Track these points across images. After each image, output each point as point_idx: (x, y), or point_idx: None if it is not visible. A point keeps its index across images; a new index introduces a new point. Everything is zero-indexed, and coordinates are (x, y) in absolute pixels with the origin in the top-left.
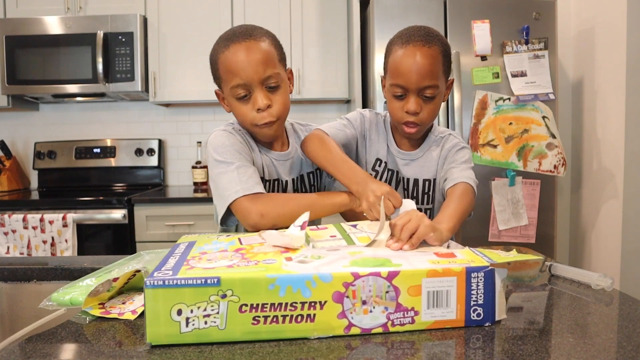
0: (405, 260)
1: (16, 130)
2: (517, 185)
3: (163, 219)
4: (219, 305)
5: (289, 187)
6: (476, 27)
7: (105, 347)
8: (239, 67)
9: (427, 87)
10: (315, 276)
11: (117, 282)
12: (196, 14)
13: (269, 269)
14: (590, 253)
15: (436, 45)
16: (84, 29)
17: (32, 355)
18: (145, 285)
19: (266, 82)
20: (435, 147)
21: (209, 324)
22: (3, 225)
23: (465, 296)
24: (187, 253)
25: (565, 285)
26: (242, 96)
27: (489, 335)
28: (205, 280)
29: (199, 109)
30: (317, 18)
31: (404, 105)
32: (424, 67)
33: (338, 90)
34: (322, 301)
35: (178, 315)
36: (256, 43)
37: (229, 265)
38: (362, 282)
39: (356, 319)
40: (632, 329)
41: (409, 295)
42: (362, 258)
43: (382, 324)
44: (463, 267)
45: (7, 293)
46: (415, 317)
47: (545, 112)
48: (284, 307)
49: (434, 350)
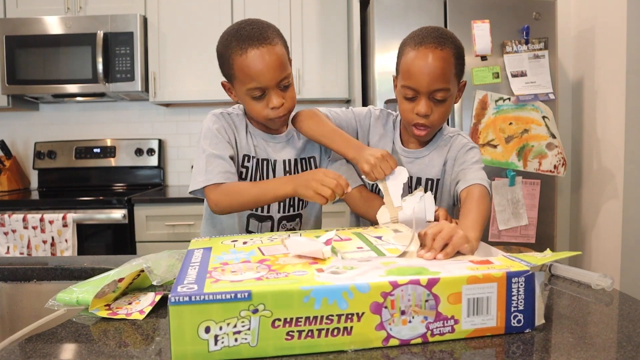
0: (442, 268)
1: (16, 130)
2: (517, 185)
3: (163, 219)
4: (250, 320)
5: (278, 167)
6: (476, 27)
7: (106, 347)
8: (257, 72)
9: (438, 90)
10: (352, 286)
11: (122, 283)
12: (196, 14)
13: (302, 280)
14: (590, 253)
15: (449, 47)
16: (84, 29)
17: (32, 355)
18: (169, 302)
19: (280, 84)
20: (443, 147)
21: (239, 341)
22: (3, 225)
23: (505, 302)
24: (206, 263)
25: (565, 285)
26: (258, 96)
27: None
28: (235, 295)
29: (199, 109)
30: (317, 18)
31: (414, 107)
32: (435, 70)
33: (338, 90)
34: (359, 313)
35: (206, 333)
36: (272, 48)
37: (258, 277)
38: (401, 292)
39: (395, 330)
40: (632, 329)
41: (449, 304)
42: (397, 268)
43: (421, 334)
44: (503, 272)
45: (7, 293)
46: (455, 325)
47: (545, 112)
48: (320, 321)
49: None
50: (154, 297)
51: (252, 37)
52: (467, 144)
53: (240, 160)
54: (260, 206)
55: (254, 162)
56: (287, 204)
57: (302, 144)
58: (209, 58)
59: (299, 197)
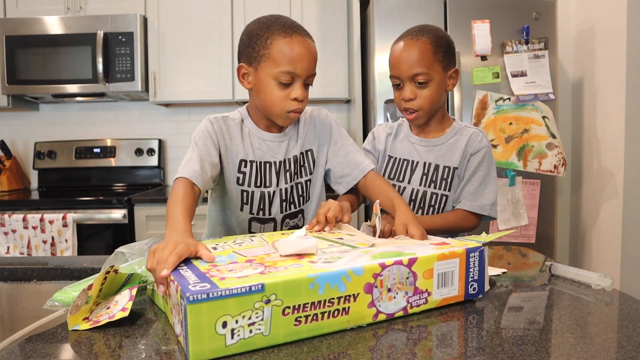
0: (415, 250)
1: (16, 130)
2: (517, 185)
3: (163, 218)
4: (263, 311)
5: (281, 168)
6: (476, 27)
7: (105, 347)
8: (297, 57)
9: (418, 74)
10: (349, 271)
11: (92, 290)
12: (196, 14)
13: (305, 270)
14: (590, 253)
15: (426, 37)
16: (84, 29)
17: (32, 355)
18: (187, 302)
19: (308, 79)
20: (462, 139)
21: (253, 332)
22: (3, 225)
23: (465, 274)
24: (194, 267)
25: (565, 285)
26: (286, 83)
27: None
28: (250, 288)
29: (199, 109)
30: (317, 18)
31: (401, 93)
32: (411, 56)
33: (338, 90)
34: (355, 294)
35: (223, 328)
36: (313, 44)
37: (260, 272)
38: (388, 272)
39: (382, 306)
40: (632, 329)
41: (424, 279)
42: (378, 253)
43: (402, 307)
44: (464, 248)
45: (7, 293)
46: (428, 297)
47: (545, 112)
48: (323, 305)
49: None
50: (129, 293)
51: (297, 27)
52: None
53: (237, 166)
54: None
55: (253, 167)
56: (289, 202)
57: (302, 140)
58: (209, 58)
59: None
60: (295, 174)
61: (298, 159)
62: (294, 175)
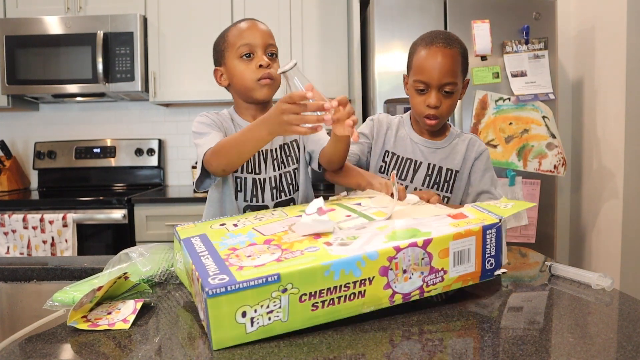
0: (430, 227)
1: (16, 130)
2: (517, 185)
3: (163, 219)
4: (281, 300)
5: (268, 156)
6: (476, 27)
7: (106, 348)
8: (249, 31)
9: (447, 84)
10: (364, 256)
11: (100, 292)
12: (196, 14)
13: (320, 257)
14: (590, 253)
15: (456, 47)
16: (84, 29)
17: (32, 355)
18: (207, 295)
19: (268, 49)
20: (461, 144)
21: (272, 319)
22: (3, 225)
23: (482, 251)
24: (213, 250)
25: (565, 285)
26: (246, 54)
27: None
28: (266, 279)
29: (199, 109)
30: (317, 18)
31: (425, 99)
32: (445, 65)
33: (338, 90)
34: (370, 277)
35: (242, 317)
36: (263, 24)
37: (277, 259)
38: (403, 254)
39: (398, 287)
40: (632, 329)
41: (440, 258)
42: (393, 231)
43: (418, 287)
44: (480, 226)
45: (7, 293)
46: (444, 275)
47: (545, 112)
48: (339, 289)
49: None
50: (134, 304)
51: (245, 19)
52: (485, 151)
53: None
54: (246, 157)
55: None
56: (279, 190)
57: None
58: (209, 58)
59: (280, 134)
60: (282, 163)
61: (284, 148)
62: (281, 164)
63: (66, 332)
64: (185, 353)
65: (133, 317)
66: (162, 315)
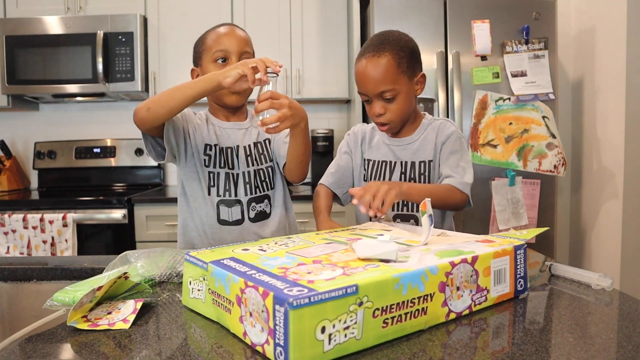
0: (470, 247)
1: (16, 130)
2: (517, 185)
3: (163, 218)
4: (357, 314)
5: (241, 152)
6: (476, 27)
7: (106, 348)
8: (225, 37)
9: (385, 92)
10: (427, 270)
11: (100, 292)
12: (196, 14)
13: (386, 270)
14: (590, 253)
15: (387, 52)
16: (84, 29)
17: (32, 355)
18: (290, 307)
19: (242, 56)
20: (431, 132)
21: (348, 337)
22: (3, 225)
23: (514, 271)
24: (261, 269)
25: (565, 285)
26: (221, 59)
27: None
28: (346, 290)
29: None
30: (317, 18)
31: (371, 109)
32: (375, 75)
33: (338, 90)
34: (431, 293)
35: (322, 333)
36: (240, 29)
37: (344, 273)
38: (457, 270)
39: (453, 305)
40: (632, 329)
41: (484, 277)
42: (440, 251)
43: (468, 306)
44: (512, 246)
45: (7, 293)
46: (487, 295)
47: (545, 112)
48: (407, 305)
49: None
50: (134, 304)
51: (224, 24)
52: (452, 136)
53: (202, 149)
54: (185, 104)
55: (216, 150)
56: (253, 186)
57: (257, 129)
58: None
59: (223, 86)
60: (256, 160)
61: (257, 146)
62: (255, 161)
63: (66, 332)
64: (185, 353)
65: (133, 317)
66: (162, 315)
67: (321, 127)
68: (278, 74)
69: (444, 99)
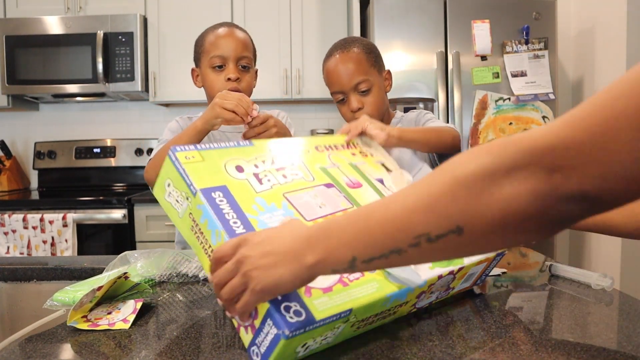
0: None
1: (16, 130)
2: None
3: (163, 218)
4: (339, 328)
5: None
6: (476, 27)
7: (106, 348)
8: (224, 41)
9: (360, 83)
10: (417, 288)
11: (100, 292)
12: (196, 14)
13: (382, 286)
14: (590, 253)
15: (355, 47)
16: (84, 29)
17: (32, 355)
18: (284, 337)
19: (240, 61)
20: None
21: (322, 343)
22: (3, 225)
23: (482, 272)
24: (249, 227)
25: (565, 285)
26: (218, 65)
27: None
28: (340, 315)
29: (199, 109)
30: (317, 18)
31: (348, 107)
32: (348, 67)
33: None
34: (409, 300)
35: (302, 347)
36: (240, 31)
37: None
38: (440, 281)
39: (419, 303)
40: (632, 329)
41: (457, 280)
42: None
43: (430, 301)
44: (495, 253)
45: (7, 293)
46: (451, 291)
47: (546, 112)
48: (383, 313)
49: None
50: (134, 304)
51: (226, 23)
52: (418, 113)
53: None
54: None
55: None
56: None
57: None
58: None
59: (211, 125)
60: None
61: None
62: None
63: (66, 332)
64: (185, 353)
65: (133, 317)
66: (162, 315)
67: (321, 127)
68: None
69: (444, 99)
